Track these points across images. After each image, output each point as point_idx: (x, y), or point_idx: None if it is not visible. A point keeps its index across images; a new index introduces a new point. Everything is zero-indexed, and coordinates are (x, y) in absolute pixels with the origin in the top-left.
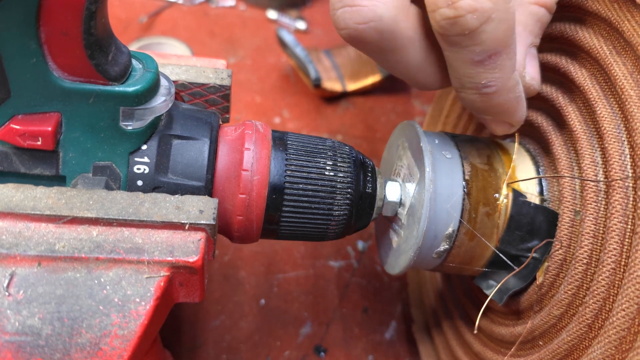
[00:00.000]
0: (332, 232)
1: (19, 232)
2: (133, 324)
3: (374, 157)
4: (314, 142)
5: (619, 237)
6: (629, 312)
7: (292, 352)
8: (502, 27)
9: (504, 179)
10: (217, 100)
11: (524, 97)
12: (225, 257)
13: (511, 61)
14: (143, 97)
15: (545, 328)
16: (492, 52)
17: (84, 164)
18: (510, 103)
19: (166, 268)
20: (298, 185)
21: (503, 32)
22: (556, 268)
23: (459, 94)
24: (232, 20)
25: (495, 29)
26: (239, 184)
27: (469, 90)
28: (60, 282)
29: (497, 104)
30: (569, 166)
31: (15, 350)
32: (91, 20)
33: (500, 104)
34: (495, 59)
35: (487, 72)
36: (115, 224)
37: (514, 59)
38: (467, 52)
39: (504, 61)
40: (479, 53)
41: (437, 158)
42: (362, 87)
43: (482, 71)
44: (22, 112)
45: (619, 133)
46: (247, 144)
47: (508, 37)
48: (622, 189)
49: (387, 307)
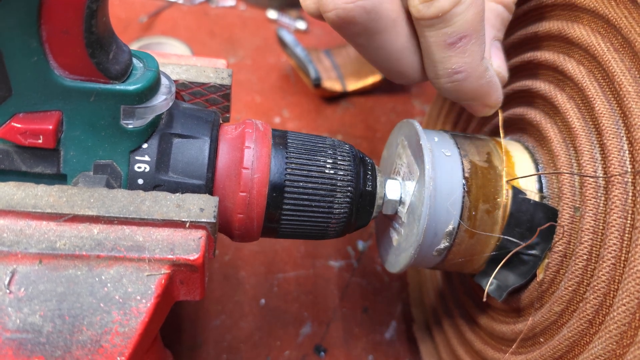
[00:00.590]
0: (333, 230)
1: (20, 230)
2: (134, 321)
3: (374, 157)
4: (314, 140)
5: (618, 233)
6: (629, 307)
7: (292, 352)
8: (471, 11)
9: (503, 177)
10: (217, 99)
11: (497, 82)
12: (226, 257)
13: (480, 47)
14: (144, 96)
15: (546, 325)
16: (462, 35)
17: (85, 163)
18: (483, 88)
19: (167, 266)
20: (298, 183)
21: (472, 15)
22: (556, 264)
23: (435, 84)
24: (232, 20)
25: (466, 11)
26: (239, 182)
27: (443, 79)
28: (61, 279)
29: (470, 90)
30: (568, 163)
31: (17, 348)
32: (92, 18)
33: (473, 89)
34: (465, 41)
35: (457, 56)
36: (116, 222)
37: (483, 47)
38: (440, 35)
39: (473, 46)
40: (450, 35)
41: (437, 156)
42: (362, 87)
43: (453, 55)
44: (23, 110)
45: (617, 129)
46: (248, 142)
47: (477, 21)
48: (621, 185)
49: (387, 306)
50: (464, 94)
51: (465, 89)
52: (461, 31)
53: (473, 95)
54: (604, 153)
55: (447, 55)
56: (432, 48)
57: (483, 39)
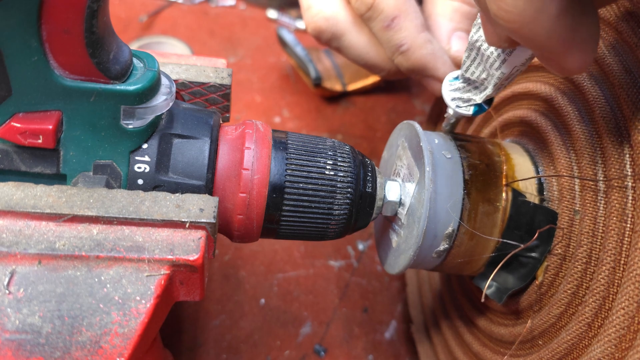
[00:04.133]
0: (332, 231)
1: (20, 230)
2: (133, 322)
3: (374, 157)
4: (314, 141)
5: (618, 237)
6: (628, 311)
7: (292, 352)
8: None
9: (503, 179)
10: (217, 99)
11: (445, 57)
12: (226, 257)
13: (412, 23)
14: (144, 96)
15: (545, 327)
16: (393, 16)
17: (85, 163)
18: (426, 58)
19: (166, 266)
20: (298, 184)
21: (394, 1)
22: (556, 267)
23: (395, 63)
24: (232, 20)
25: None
26: (239, 183)
27: (394, 56)
28: (60, 280)
29: (416, 59)
30: (568, 165)
31: (16, 349)
32: (93, 18)
33: (418, 58)
34: (397, 21)
35: (396, 34)
36: (116, 222)
37: (415, 22)
38: (378, 22)
39: (405, 22)
40: (384, 19)
41: (437, 158)
42: (362, 87)
43: (392, 33)
44: (23, 110)
45: (618, 132)
46: (248, 143)
47: (401, 4)
48: (621, 188)
49: (387, 307)
50: (413, 63)
51: (411, 59)
52: (390, 14)
53: (420, 64)
54: (605, 156)
55: (389, 35)
56: (378, 35)
57: (414, 16)
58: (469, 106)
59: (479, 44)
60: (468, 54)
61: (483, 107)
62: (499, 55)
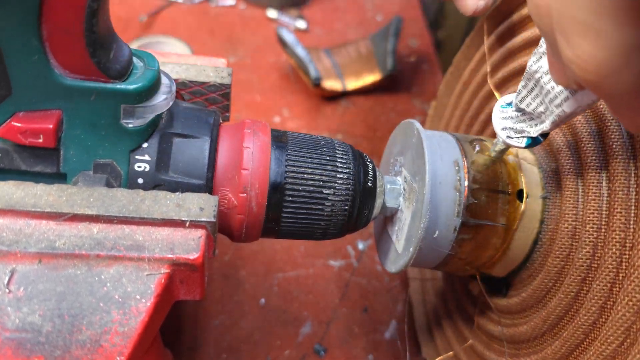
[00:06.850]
0: (333, 230)
1: (20, 229)
2: (133, 321)
3: (374, 156)
4: (314, 140)
5: (619, 240)
6: (630, 311)
7: (292, 352)
8: None
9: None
10: (217, 98)
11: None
12: (226, 257)
13: None
14: (144, 95)
15: (546, 328)
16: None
17: (85, 162)
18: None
19: (167, 265)
20: (298, 183)
21: None
22: (562, 260)
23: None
24: (232, 19)
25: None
26: (239, 183)
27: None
28: (60, 279)
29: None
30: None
31: (16, 347)
32: (93, 18)
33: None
34: None
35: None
36: (116, 221)
37: None
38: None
39: None
40: None
41: (439, 157)
42: (362, 86)
43: None
44: (23, 109)
45: (621, 135)
46: (247, 142)
47: None
48: (623, 191)
49: (387, 306)
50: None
51: None
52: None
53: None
54: (607, 156)
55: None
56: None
57: None
58: (521, 137)
59: (538, 76)
60: (525, 84)
61: (538, 139)
62: (562, 92)
